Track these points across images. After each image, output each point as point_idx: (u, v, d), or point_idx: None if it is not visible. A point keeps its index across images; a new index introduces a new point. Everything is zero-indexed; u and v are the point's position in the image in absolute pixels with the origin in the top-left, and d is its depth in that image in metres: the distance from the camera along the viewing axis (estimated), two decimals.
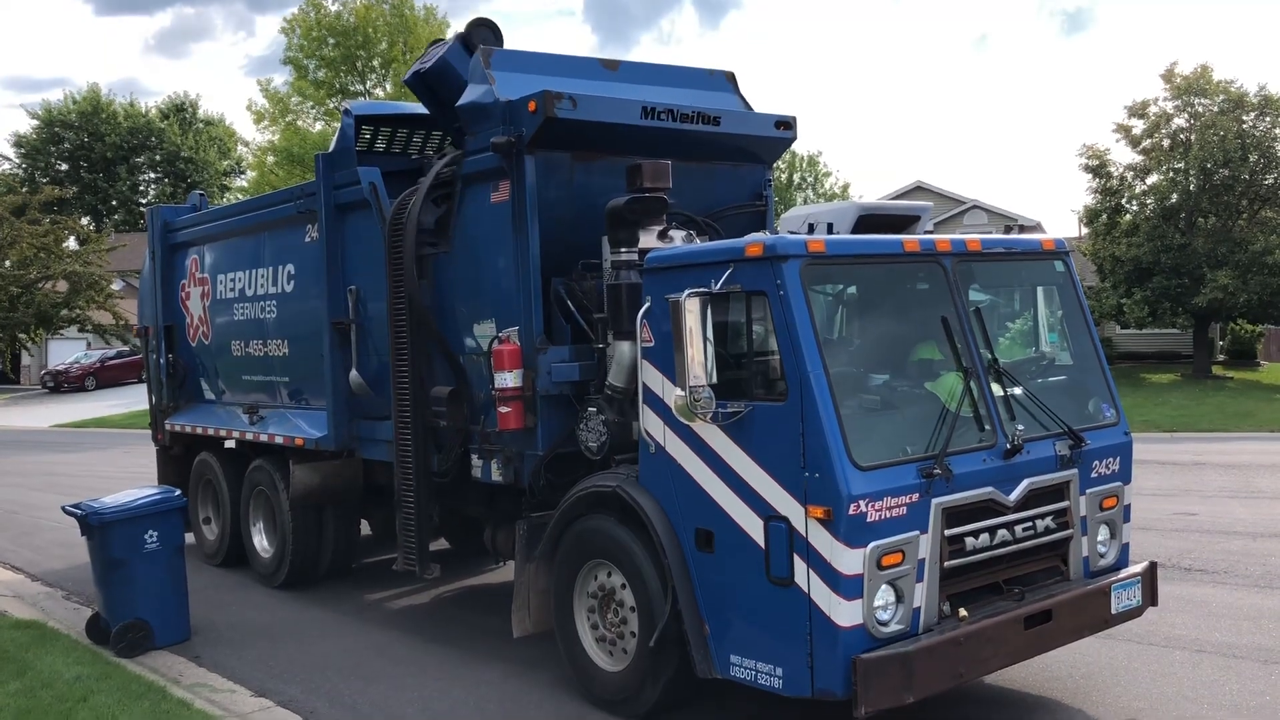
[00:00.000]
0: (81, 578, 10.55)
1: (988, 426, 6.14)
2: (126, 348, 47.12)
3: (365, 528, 11.01)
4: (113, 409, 36.81)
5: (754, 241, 5.87)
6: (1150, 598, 6.83)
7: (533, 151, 7.35)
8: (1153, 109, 31.75)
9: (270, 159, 43.19)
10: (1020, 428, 6.20)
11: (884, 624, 5.62)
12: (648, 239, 7.08)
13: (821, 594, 5.53)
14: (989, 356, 6.29)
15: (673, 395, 6.13)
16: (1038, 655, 6.28)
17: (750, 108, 8.78)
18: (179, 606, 8.76)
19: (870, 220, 6.75)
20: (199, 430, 11.36)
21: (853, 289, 6.39)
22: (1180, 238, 30.41)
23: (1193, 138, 30.45)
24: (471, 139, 7.84)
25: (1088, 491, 6.58)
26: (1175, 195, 30.98)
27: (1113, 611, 6.53)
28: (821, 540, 5.51)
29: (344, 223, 9.20)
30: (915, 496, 5.69)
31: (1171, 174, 31.15)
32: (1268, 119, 30.49)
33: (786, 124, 8.50)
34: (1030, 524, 6.25)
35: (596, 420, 6.97)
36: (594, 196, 7.68)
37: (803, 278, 5.72)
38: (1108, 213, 32.11)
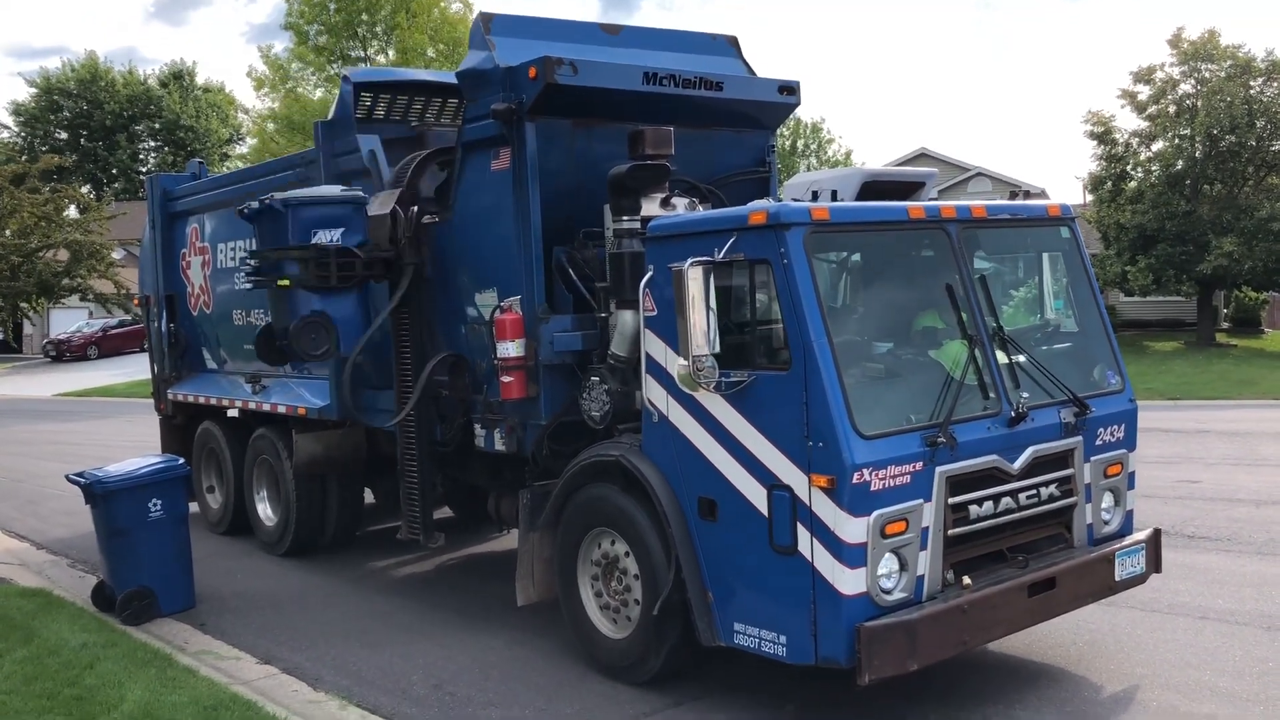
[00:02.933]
0: (86, 546, 10.60)
1: (992, 394, 6.12)
2: (128, 317, 47.08)
3: (369, 496, 11.01)
4: (115, 378, 36.83)
5: (757, 209, 5.82)
6: (1154, 565, 6.83)
7: (533, 118, 7.29)
8: (1159, 75, 31.51)
9: (271, 126, 42.91)
10: (1025, 395, 6.17)
11: (887, 592, 5.62)
12: (650, 207, 7.02)
13: (825, 562, 5.52)
14: (993, 324, 6.26)
15: (675, 364, 6.10)
16: (1042, 622, 6.29)
17: (753, 73, 8.69)
18: (183, 574, 8.79)
19: (875, 187, 6.70)
20: (201, 399, 11.35)
21: (856, 257, 6.35)
22: (1185, 205, 30.25)
23: (1199, 104, 30.21)
24: (471, 106, 7.77)
25: (1092, 459, 6.56)
26: (1181, 162, 30.78)
27: (1117, 579, 6.52)
28: (825, 509, 5.50)
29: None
30: (919, 465, 5.68)
31: (1177, 140, 30.95)
32: (1275, 84, 30.23)
33: (790, 89, 8.41)
34: (1034, 492, 6.24)
35: (599, 389, 6.95)
36: (595, 164, 7.61)
37: (806, 246, 5.68)
38: (1112, 180, 31.94)
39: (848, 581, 5.49)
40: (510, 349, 7.32)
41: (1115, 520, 6.81)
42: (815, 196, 6.35)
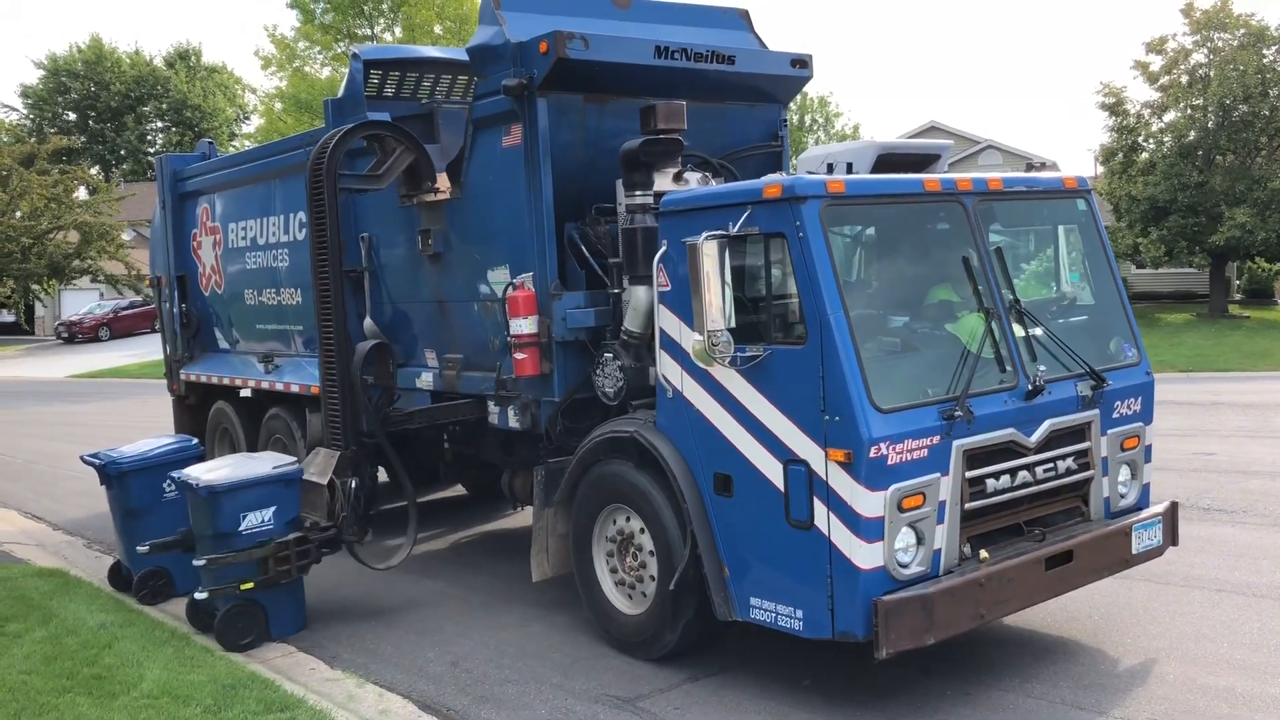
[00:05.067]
0: (101, 526, 10.64)
1: (1009, 368, 6.08)
2: (139, 298, 47.17)
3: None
4: (127, 359, 36.96)
5: (772, 183, 5.78)
6: (1171, 538, 6.79)
7: (544, 93, 7.25)
8: (1171, 45, 31.30)
9: (278, 105, 42.79)
10: (1042, 369, 6.14)
11: (904, 566, 5.61)
12: (663, 181, 6.99)
13: (842, 536, 5.51)
14: (1010, 297, 6.22)
15: (690, 340, 6.08)
16: (1059, 596, 6.26)
17: (765, 46, 8.63)
18: None
19: (890, 160, 6.65)
20: (214, 379, 11.37)
21: (871, 230, 6.30)
22: (1198, 176, 30.04)
23: (1211, 74, 29.99)
24: (481, 82, 7.74)
25: (1109, 432, 6.53)
26: (1193, 132, 30.59)
27: (1133, 551, 6.50)
28: (842, 483, 5.48)
29: (354, 170, 9.09)
30: (936, 439, 5.65)
31: (1190, 111, 30.73)
32: None
33: (802, 62, 8.35)
34: (1051, 465, 6.22)
35: (613, 366, 6.94)
36: (607, 139, 7.60)
37: (822, 219, 5.64)
38: (1124, 151, 31.76)
39: (864, 555, 5.48)
40: (523, 326, 7.30)
41: (1132, 493, 6.78)
42: (830, 169, 6.29)
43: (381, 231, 8.90)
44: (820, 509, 5.59)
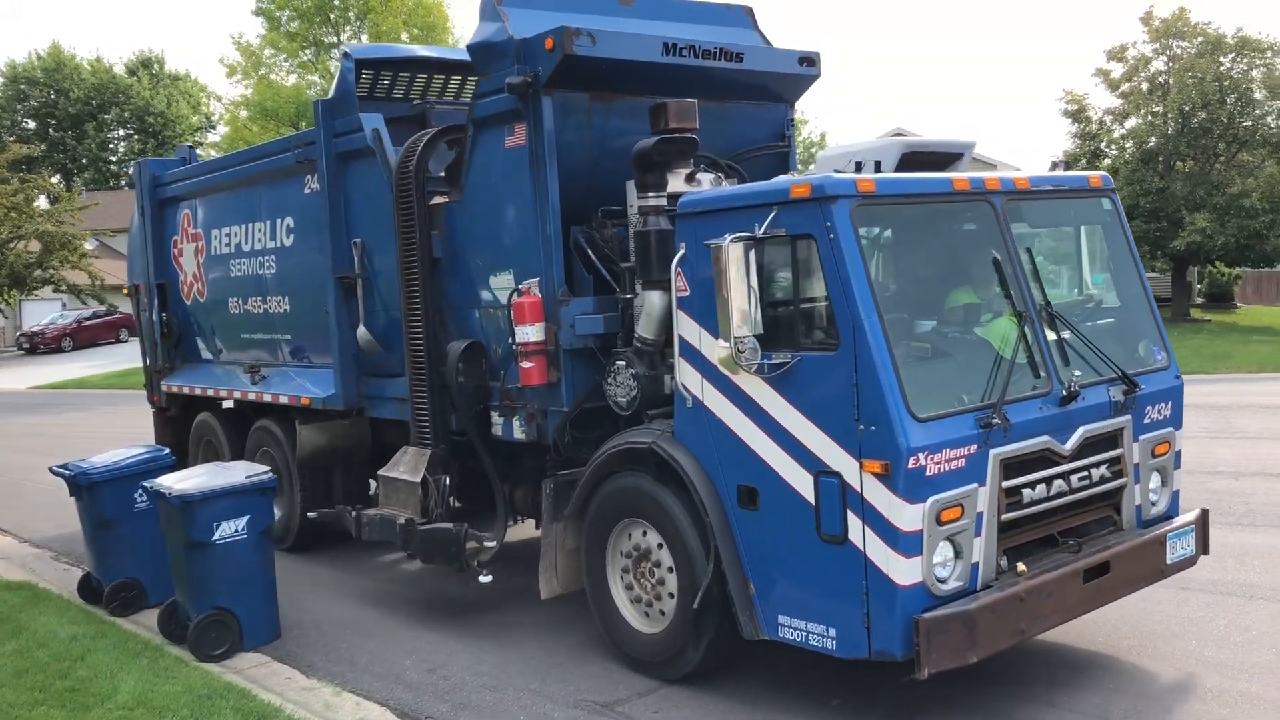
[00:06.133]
0: (70, 538, 10.40)
1: (1042, 373, 5.88)
2: (103, 308, 46.35)
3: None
4: (91, 370, 36.31)
5: (800, 182, 5.54)
6: (1203, 546, 6.62)
7: (549, 92, 6.98)
8: (1131, 53, 31.84)
9: (243, 114, 42.25)
10: (1077, 374, 5.94)
11: (943, 581, 5.38)
12: (674, 183, 6.74)
13: (878, 551, 5.27)
14: (1041, 299, 6.02)
15: (712, 347, 5.86)
16: (1096, 609, 6.05)
17: (769, 43, 8.41)
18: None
19: (914, 158, 6.43)
20: (198, 391, 10.99)
21: (900, 230, 6.07)
22: (1159, 181, 30.41)
23: (1171, 81, 30.47)
24: (484, 80, 7.46)
25: (1141, 438, 6.34)
26: (1154, 139, 31.06)
27: (1168, 561, 6.32)
28: (878, 496, 5.25)
29: (346, 173, 8.81)
30: (974, 448, 5.43)
31: (1150, 118, 31.21)
32: (1244, 61, 30.53)
33: (810, 60, 8.14)
34: (1085, 473, 6.02)
35: (625, 374, 6.68)
36: (613, 139, 7.37)
37: (853, 219, 5.41)
38: (1087, 158, 32.07)
39: (903, 571, 5.24)
40: (530, 333, 7.03)
41: (1163, 501, 6.60)
42: (859, 168, 6.08)
43: (375, 237, 8.59)
44: (854, 523, 5.35)
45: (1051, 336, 6.01)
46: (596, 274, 7.18)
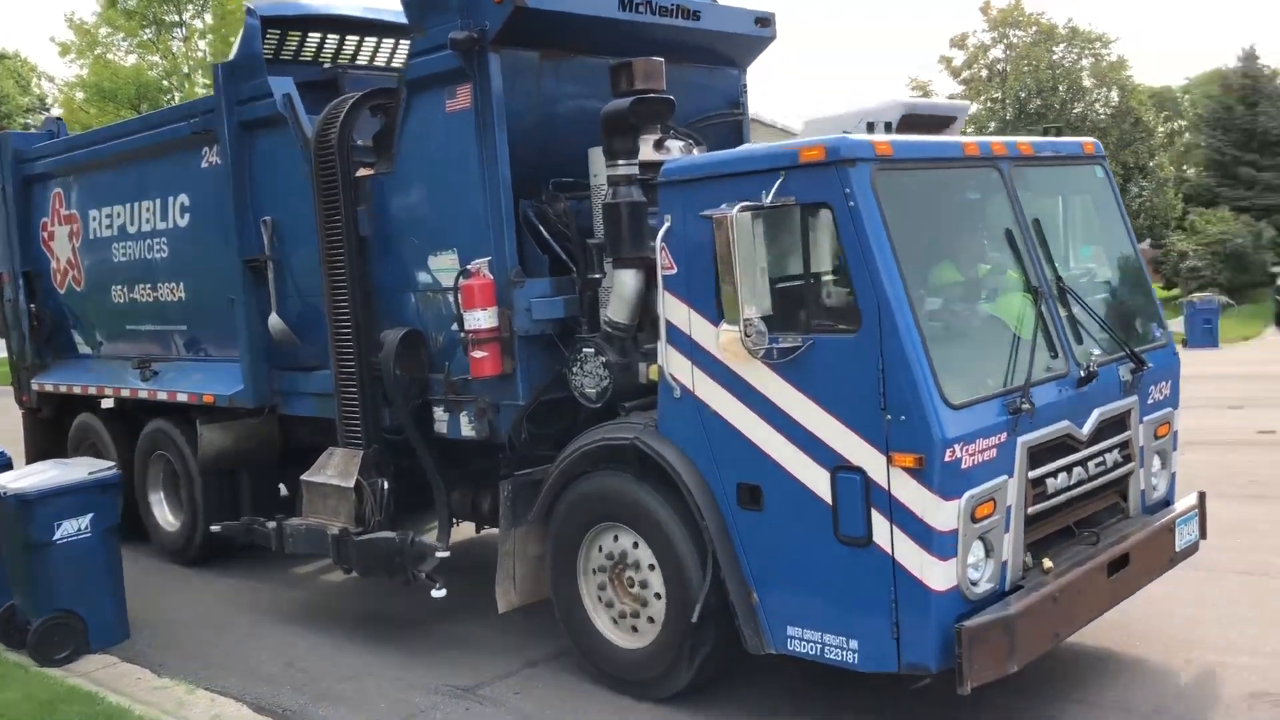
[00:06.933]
0: None
1: (1059, 353, 5.44)
2: None
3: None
4: None
5: (811, 144, 4.94)
6: (1203, 530, 6.30)
7: (497, 49, 6.26)
8: (971, 41, 33.03)
9: (79, 95, 39.68)
10: (1095, 352, 5.52)
11: (975, 584, 4.90)
12: (643, 149, 6.11)
13: (909, 554, 4.75)
14: (1053, 273, 5.57)
15: (704, 330, 5.28)
16: (1119, 604, 5.64)
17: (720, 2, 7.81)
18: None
19: (912, 120, 5.93)
20: (76, 389, 9.83)
21: (909, 199, 5.52)
22: None
23: (1008, 68, 31.61)
24: (419, 38, 6.67)
25: (1145, 419, 5.98)
26: (994, 124, 32.19)
27: (1177, 549, 5.98)
28: (909, 493, 4.72)
29: (252, 144, 7.89)
30: (1003, 436, 4.96)
31: (990, 104, 32.26)
32: (1075, 50, 31.84)
33: (765, 21, 7.56)
34: (1101, 459, 5.62)
35: (595, 362, 6.02)
36: (563, 104, 6.71)
37: (874, 185, 4.85)
38: None
39: (938, 576, 4.73)
40: (481, 319, 6.29)
41: (1162, 485, 6.26)
42: (871, 129, 5.54)
43: (288, 214, 7.71)
44: (880, 523, 4.82)
45: (1063, 313, 5.58)
46: (551, 253, 6.50)
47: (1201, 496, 6.34)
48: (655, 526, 5.61)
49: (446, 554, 6.77)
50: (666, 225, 5.45)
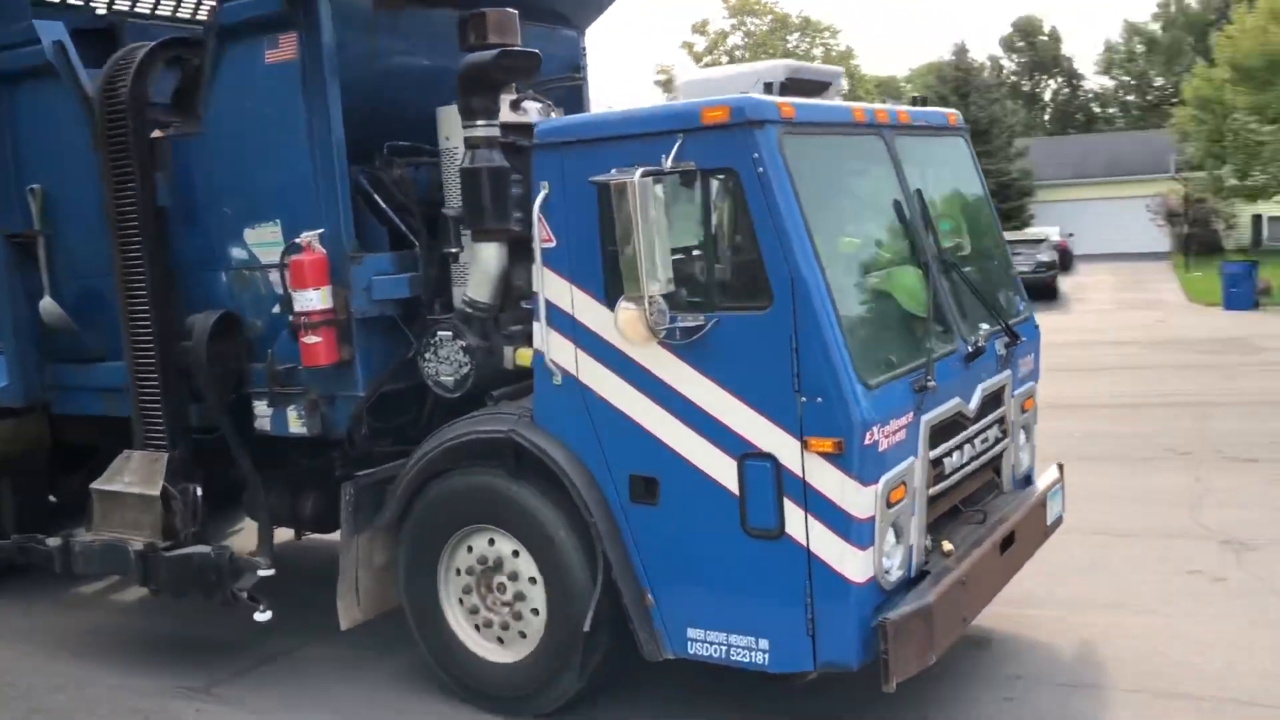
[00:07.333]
0: None
1: (949, 328, 5.27)
2: None
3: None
4: None
5: (716, 104, 4.52)
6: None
7: None
8: (712, 27, 34.11)
9: None
10: (984, 328, 5.38)
11: (888, 572, 4.65)
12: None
13: (826, 545, 4.44)
14: (937, 247, 5.40)
15: (589, 309, 4.82)
16: (1009, 582, 5.54)
17: None
18: None
19: (795, 84, 5.57)
20: None
21: (806, 165, 5.18)
22: None
23: (747, 55, 32.85)
24: None
25: (1015, 393, 5.92)
26: None
27: (1048, 523, 5.96)
28: (826, 480, 4.41)
29: (14, 98, 6.78)
30: (910, 416, 4.73)
31: None
32: (808, 39, 33.42)
33: None
34: (985, 435, 5.51)
35: (452, 347, 5.42)
36: (396, 59, 6.07)
37: (782, 148, 4.49)
38: None
39: (857, 566, 4.45)
40: (313, 299, 5.56)
41: (1025, 458, 6.23)
42: (768, 89, 5.16)
43: (63, 182, 6.66)
44: (794, 512, 4.48)
45: (947, 287, 5.41)
46: (390, 225, 5.84)
47: (1060, 468, 6.37)
48: (534, 527, 5.08)
49: (271, 572, 5.97)
50: (544, 193, 4.91)
